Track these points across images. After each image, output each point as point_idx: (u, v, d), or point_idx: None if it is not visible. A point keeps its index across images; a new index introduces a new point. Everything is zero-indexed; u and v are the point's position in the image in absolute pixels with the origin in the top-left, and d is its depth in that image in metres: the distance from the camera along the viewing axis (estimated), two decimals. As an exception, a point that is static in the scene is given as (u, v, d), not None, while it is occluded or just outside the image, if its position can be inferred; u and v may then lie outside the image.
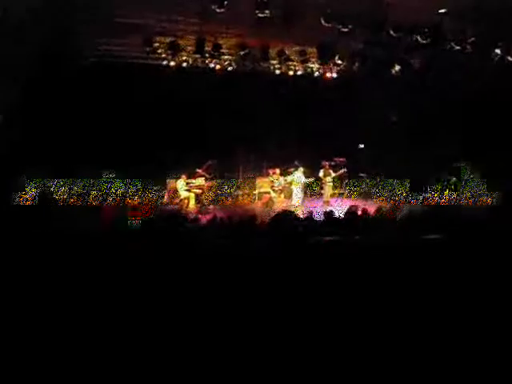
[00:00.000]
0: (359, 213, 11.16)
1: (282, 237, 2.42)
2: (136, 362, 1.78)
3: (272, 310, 1.99)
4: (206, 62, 16.42)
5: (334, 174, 18.44)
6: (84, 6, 10.96)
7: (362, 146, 19.90)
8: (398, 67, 16.40)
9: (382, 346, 2.28)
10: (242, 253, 2.55)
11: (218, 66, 16.81)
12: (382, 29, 12.42)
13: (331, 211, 10.36)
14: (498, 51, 14.35)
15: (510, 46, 14.43)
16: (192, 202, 16.76)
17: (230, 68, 17.07)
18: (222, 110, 17.38)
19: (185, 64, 16.14)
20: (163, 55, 15.59)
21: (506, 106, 15.01)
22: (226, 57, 16.60)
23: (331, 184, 18.20)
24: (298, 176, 17.86)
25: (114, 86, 15.44)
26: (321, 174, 18.14)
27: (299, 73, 18.02)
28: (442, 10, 13.15)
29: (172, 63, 15.93)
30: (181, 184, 16.68)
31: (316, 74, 18.44)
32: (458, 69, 15.40)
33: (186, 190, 16.73)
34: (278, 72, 17.71)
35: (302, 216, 9.68)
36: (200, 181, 17.24)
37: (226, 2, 10.37)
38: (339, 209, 12.66)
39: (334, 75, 18.69)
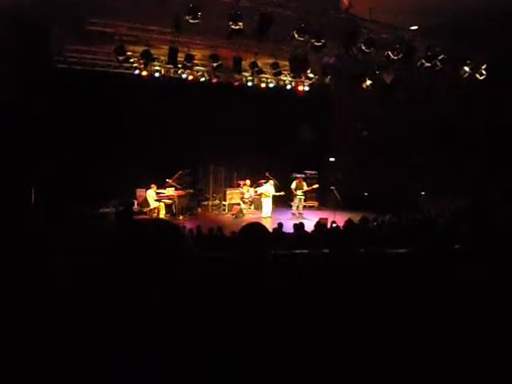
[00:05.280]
0: (328, 225, 11.25)
1: (249, 248, 2.36)
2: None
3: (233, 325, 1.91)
4: (179, 72, 16.37)
5: (306, 188, 18.36)
6: (56, 12, 10.78)
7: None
8: (369, 82, 16.50)
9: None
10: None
11: (190, 77, 16.78)
12: (355, 43, 12.50)
13: (301, 224, 10.38)
14: (466, 69, 14.53)
15: (479, 63, 14.62)
16: (162, 212, 16.62)
17: (202, 79, 17.06)
18: (194, 121, 17.32)
19: (157, 74, 16.06)
20: (135, 64, 15.47)
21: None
22: (198, 67, 16.59)
23: (302, 197, 18.10)
24: (268, 188, 17.86)
25: (82, 92, 15.21)
26: (293, 185, 18.04)
27: (271, 85, 18.09)
28: (414, 27, 13.36)
29: (144, 73, 15.82)
30: (151, 194, 16.52)
31: (288, 86, 18.56)
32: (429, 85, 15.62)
33: (156, 200, 16.57)
34: (250, 84, 17.73)
35: (271, 228, 9.59)
36: (170, 191, 17.11)
37: (199, 13, 10.28)
38: (309, 221, 12.69)
39: (307, 88, 18.83)
